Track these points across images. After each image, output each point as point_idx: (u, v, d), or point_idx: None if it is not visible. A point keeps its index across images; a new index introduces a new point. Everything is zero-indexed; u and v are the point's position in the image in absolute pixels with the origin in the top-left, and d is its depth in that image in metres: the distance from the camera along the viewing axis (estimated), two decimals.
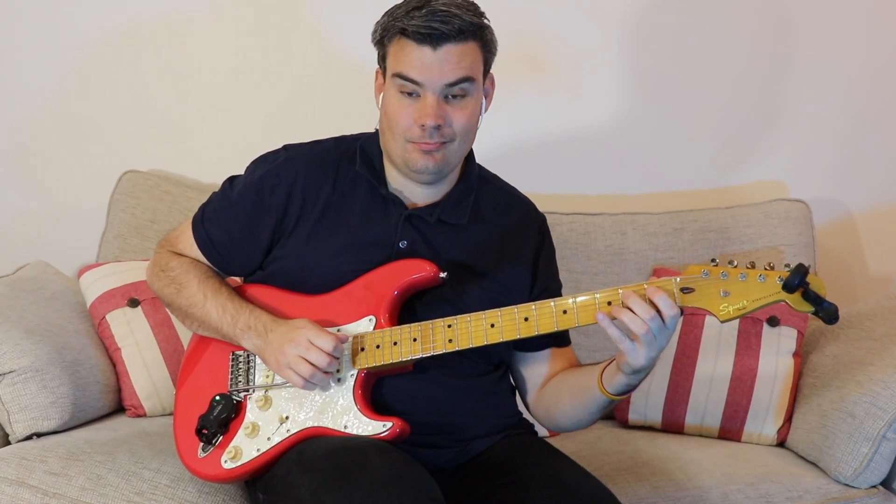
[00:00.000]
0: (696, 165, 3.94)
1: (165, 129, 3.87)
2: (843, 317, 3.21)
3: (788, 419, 3.19)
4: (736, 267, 2.24)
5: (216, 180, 2.73)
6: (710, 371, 3.25)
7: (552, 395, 2.60)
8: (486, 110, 2.57)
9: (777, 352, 3.24)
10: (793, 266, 2.18)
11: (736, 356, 3.25)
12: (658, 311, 2.23)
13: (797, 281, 2.15)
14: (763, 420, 3.20)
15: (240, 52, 3.88)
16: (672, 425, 3.30)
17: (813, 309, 2.20)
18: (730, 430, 3.23)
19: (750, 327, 3.26)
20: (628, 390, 2.39)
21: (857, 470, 2.86)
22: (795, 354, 3.25)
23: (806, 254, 3.52)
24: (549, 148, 3.91)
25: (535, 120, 3.90)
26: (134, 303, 3.29)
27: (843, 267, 3.93)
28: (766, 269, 2.22)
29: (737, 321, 3.27)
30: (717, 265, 2.25)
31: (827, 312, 2.19)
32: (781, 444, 3.21)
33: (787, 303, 2.20)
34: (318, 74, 3.86)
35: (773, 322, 3.25)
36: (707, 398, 3.24)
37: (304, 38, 3.87)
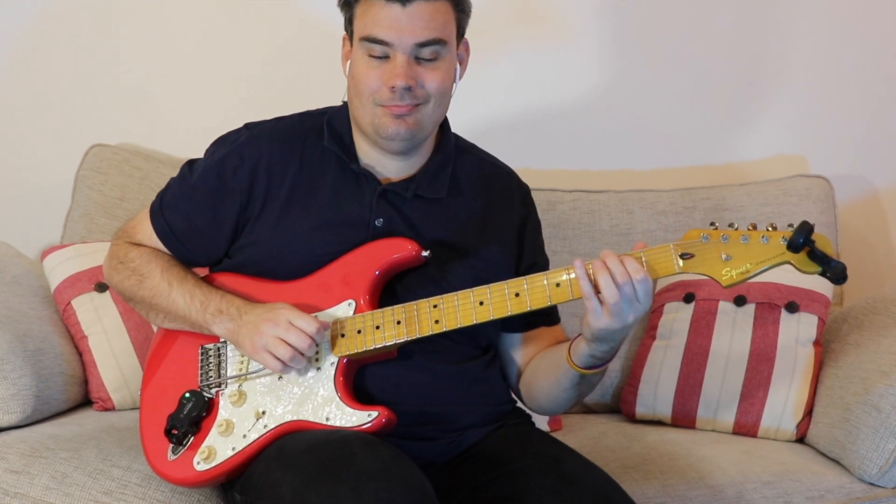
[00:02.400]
0: (709, 139, 3.94)
1: (136, 100, 3.86)
2: (867, 302, 3.24)
3: (808, 413, 3.18)
4: (737, 229, 2.26)
5: (190, 155, 2.72)
6: (724, 361, 3.25)
7: (531, 373, 2.62)
8: (460, 77, 2.57)
9: (796, 340, 3.23)
10: (796, 225, 2.20)
11: (752, 345, 3.24)
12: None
13: (802, 239, 2.18)
14: (781, 414, 3.18)
15: (214, 18, 3.86)
16: (683, 419, 3.29)
17: (820, 269, 2.22)
18: (745, 425, 3.22)
19: (767, 313, 3.25)
20: (593, 364, 2.40)
21: (882, 468, 2.84)
22: (816, 343, 3.24)
23: (828, 234, 3.52)
24: (550, 120, 3.91)
25: (534, 90, 3.89)
26: (102, 287, 3.27)
27: (867, 248, 3.92)
28: (768, 229, 2.24)
29: (753, 306, 3.28)
30: (716, 228, 2.27)
31: (835, 272, 2.21)
32: (801, 439, 3.20)
33: (792, 264, 2.23)
34: (297, 41, 3.85)
35: (792, 308, 3.24)
36: (721, 390, 3.23)
37: (281, 3, 3.84)
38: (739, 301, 3.27)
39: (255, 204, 2.56)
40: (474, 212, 2.62)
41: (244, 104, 3.77)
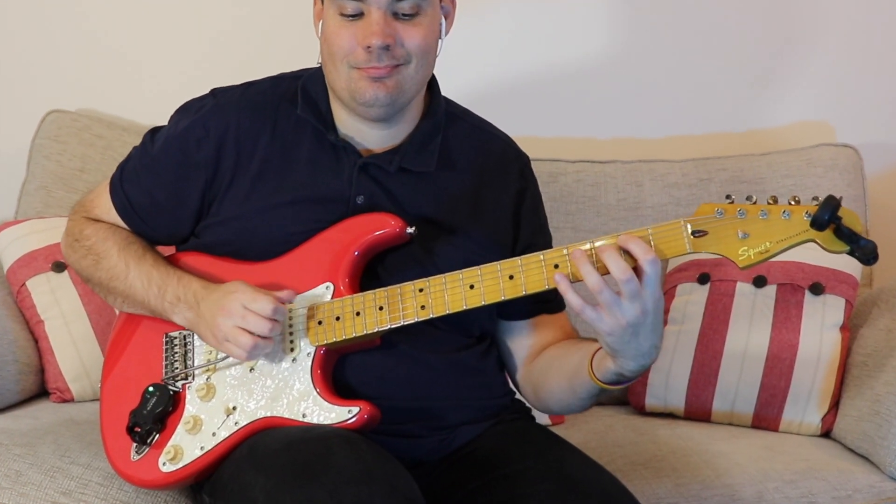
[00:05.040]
0: (726, 104, 3.95)
1: (97, 62, 3.86)
2: None
3: (835, 405, 3.19)
4: (755, 203, 2.22)
5: (157, 121, 2.72)
6: (743, 348, 3.24)
7: (541, 373, 2.57)
8: (446, 33, 2.53)
9: (821, 325, 3.22)
10: (821, 199, 2.16)
11: (773, 330, 3.24)
12: (635, 266, 2.17)
13: (828, 216, 2.14)
14: (805, 406, 3.19)
15: None
16: (697, 412, 3.30)
17: (848, 248, 2.18)
18: (765, 418, 3.23)
19: (789, 296, 3.25)
20: (619, 381, 2.33)
21: None
22: (843, 328, 3.24)
23: (856, 207, 3.52)
24: (551, 83, 3.91)
25: (534, 50, 3.90)
26: (59, 267, 3.27)
27: None
28: (790, 203, 2.21)
29: (773, 288, 3.27)
30: (732, 202, 2.23)
31: (864, 251, 2.17)
32: (826, 434, 3.21)
33: (817, 242, 2.19)
34: None
35: (817, 290, 3.23)
36: (738, 380, 3.23)
37: None
38: (759, 282, 3.26)
39: (223, 179, 2.54)
40: (466, 186, 2.59)
41: (214, 64, 3.77)
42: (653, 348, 2.24)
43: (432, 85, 2.60)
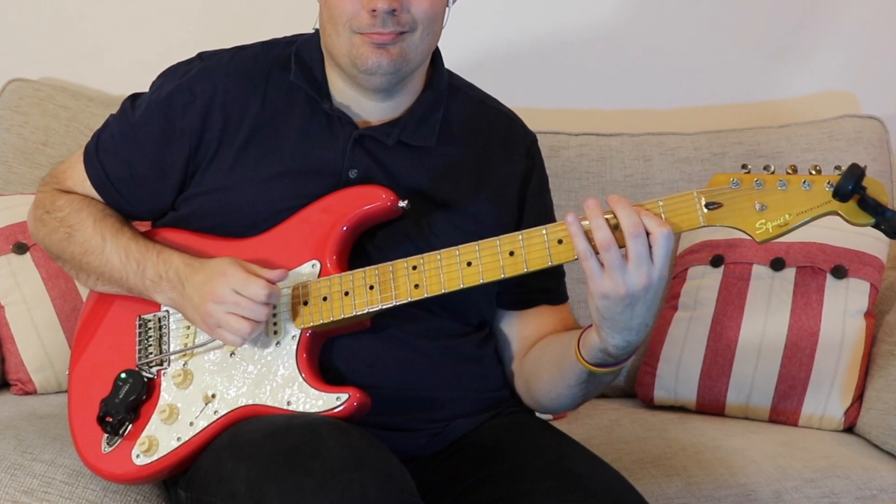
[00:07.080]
0: (741, 73, 3.96)
1: (61, 26, 3.84)
2: None
3: (859, 397, 3.20)
4: (773, 173, 2.22)
5: (126, 91, 2.72)
6: (759, 336, 3.24)
7: (532, 363, 2.58)
8: (454, 1, 2.54)
9: (844, 311, 3.22)
10: (844, 168, 2.15)
11: (792, 316, 3.23)
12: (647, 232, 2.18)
13: (851, 185, 2.13)
14: (826, 398, 3.19)
15: None
16: (710, 405, 3.30)
17: (873, 220, 2.17)
18: (784, 412, 3.23)
19: (810, 280, 3.24)
20: (604, 361, 2.34)
21: None
22: (867, 314, 3.24)
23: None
24: (553, 51, 3.91)
25: (536, 16, 3.90)
26: (21, 248, 3.26)
27: None
28: (811, 173, 2.20)
29: (793, 271, 3.27)
30: (749, 172, 2.23)
31: (890, 224, 2.16)
32: (850, 429, 3.21)
33: (840, 214, 2.18)
34: None
35: (840, 273, 3.23)
36: (755, 371, 3.23)
37: None
38: (777, 265, 3.25)
39: (207, 149, 2.54)
40: (468, 163, 2.60)
41: (191, 31, 3.76)
42: (643, 326, 2.24)
43: (435, 56, 2.61)
